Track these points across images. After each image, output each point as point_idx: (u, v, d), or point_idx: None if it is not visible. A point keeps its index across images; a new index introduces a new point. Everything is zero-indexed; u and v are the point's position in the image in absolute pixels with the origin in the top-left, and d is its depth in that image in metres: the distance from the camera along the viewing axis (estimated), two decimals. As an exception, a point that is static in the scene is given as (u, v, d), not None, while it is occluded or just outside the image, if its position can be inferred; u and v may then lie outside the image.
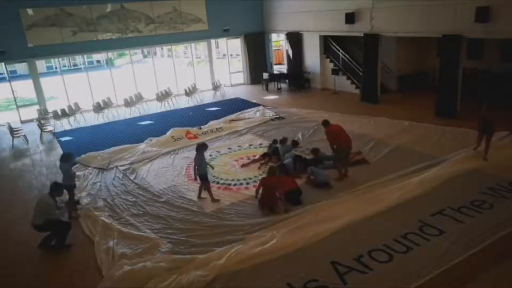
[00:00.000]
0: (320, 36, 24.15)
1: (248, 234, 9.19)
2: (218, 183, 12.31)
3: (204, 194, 11.39)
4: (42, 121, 19.61)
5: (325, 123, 12.27)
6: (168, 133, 17.16)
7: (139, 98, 23.52)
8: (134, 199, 11.66)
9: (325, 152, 13.30)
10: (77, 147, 16.76)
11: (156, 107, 23.16)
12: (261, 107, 20.80)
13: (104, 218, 10.50)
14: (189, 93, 24.40)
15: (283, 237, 8.87)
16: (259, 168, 13.16)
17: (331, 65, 24.15)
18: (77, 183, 13.12)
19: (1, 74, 37.25)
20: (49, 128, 19.46)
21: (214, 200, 11.08)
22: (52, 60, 39.54)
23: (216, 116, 19.86)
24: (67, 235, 9.60)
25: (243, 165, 13.49)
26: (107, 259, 8.72)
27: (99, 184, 13.00)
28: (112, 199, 11.81)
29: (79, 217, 10.77)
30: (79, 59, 48.36)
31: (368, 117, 17.73)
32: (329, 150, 12.50)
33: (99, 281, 7.96)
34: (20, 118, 22.37)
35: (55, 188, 9.63)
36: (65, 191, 10.40)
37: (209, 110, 21.57)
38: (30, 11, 21.10)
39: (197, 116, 20.48)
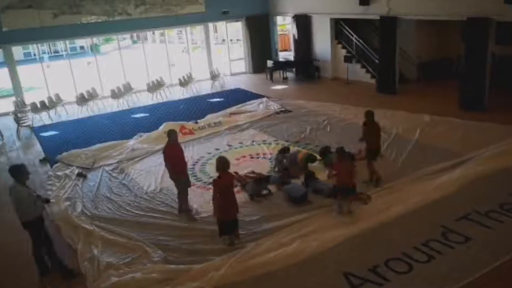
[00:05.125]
0: (331, 19, 24.08)
1: (249, 242, 9.19)
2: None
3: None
4: (19, 115, 19.63)
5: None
6: (161, 128, 17.17)
7: (127, 88, 23.50)
8: (121, 202, 11.67)
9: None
10: (59, 143, 16.82)
11: (147, 99, 23.18)
12: (264, 99, 20.79)
13: (87, 223, 10.50)
14: (184, 83, 24.38)
15: (290, 245, 8.87)
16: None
17: (344, 52, 24.12)
18: (58, 184, 13.20)
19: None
20: (27, 122, 19.48)
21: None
22: (30, 46, 39.48)
23: (214, 108, 19.87)
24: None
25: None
26: (91, 269, 8.71)
27: (81, 185, 13.03)
28: (97, 202, 11.83)
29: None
30: (60, 45, 48.32)
31: (385, 110, 17.64)
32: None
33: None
34: (-6, 111, 22.45)
35: (16, 172, 8.22)
36: None
37: (207, 102, 21.59)
38: (5, -9, 21.11)
39: (192, 109, 20.50)
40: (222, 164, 8.93)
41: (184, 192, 10.76)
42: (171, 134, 10.59)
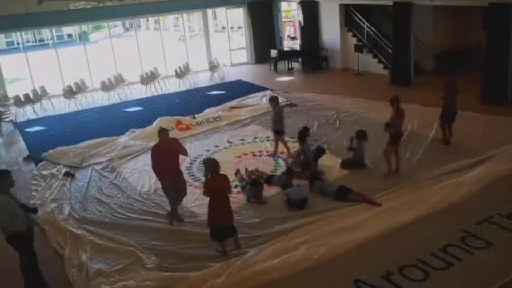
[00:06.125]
0: (340, 5, 24.07)
1: (251, 247, 9.18)
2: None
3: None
4: (0, 109, 19.65)
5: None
6: (155, 123, 17.16)
7: (119, 80, 23.51)
8: (112, 204, 11.68)
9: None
10: (44, 140, 16.86)
11: (141, 92, 23.18)
12: (268, 92, 20.77)
13: (75, 227, 10.49)
14: (180, 74, 24.37)
15: (295, 250, 8.86)
16: None
17: (354, 40, 24.10)
18: (43, 184, 13.19)
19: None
20: (10, 117, 19.48)
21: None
22: (13, 34, 39.47)
23: (213, 102, 19.91)
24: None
25: None
26: (80, 277, 8.71)
27: (69, 185, 13.03)
28: (86, 203, 11.84)
29: None
30: (46, 33, 48.32)
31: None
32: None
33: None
34: (-26, 105, 22.43)
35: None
36: None
37: (205, 95, 21.59)
38: (-15, -26, 21.07)
39: (189, 102, 20.50)
40: (212, 166, 9.01)
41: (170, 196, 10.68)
42: (162, 132, 10.49)
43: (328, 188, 11.20)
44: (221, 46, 30.23)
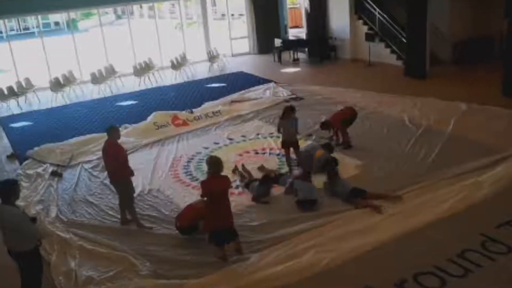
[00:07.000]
0: (350, -11, 24.08)
1: (253, 252, 9.16)
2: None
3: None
4: (-18, 103, 19.68)
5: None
6: (149, 118, 17.17)
7: (110, 72, 23.54)
8: (103, 206, 11.66)
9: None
10: (29, 136, 16.87)
11: (134, 84, 23.20)
12: (272, 84, 20.79)
13: (62, 231, 10.48)
14: (176, 65, 24.38)
15: (301, 256, 8.84)
16: None
17: (365, 29, 24.07)
18: (28, 184, 13.19)
19: None
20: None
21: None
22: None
23: (212, 95, 19.94)
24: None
25: None
26: (68, 284, 8.70)
27: (56, 186, 13.02)
28: (75, 205, 11.83)
29: None
30: (31, 20, 48.36)
31: (413, 97, 17.64)
32: None
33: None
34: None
35: (6, 190, 7.47)
36: None
37: (204, 88, 21.60)
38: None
39: (187, 96, 20.53)
40: (215, 165, 8.89)
41: (130, 197, 10.69)
42: (112, 131, 10.34)
43: (341, 188, 11.14)
44: (221, 35, 30.22)
